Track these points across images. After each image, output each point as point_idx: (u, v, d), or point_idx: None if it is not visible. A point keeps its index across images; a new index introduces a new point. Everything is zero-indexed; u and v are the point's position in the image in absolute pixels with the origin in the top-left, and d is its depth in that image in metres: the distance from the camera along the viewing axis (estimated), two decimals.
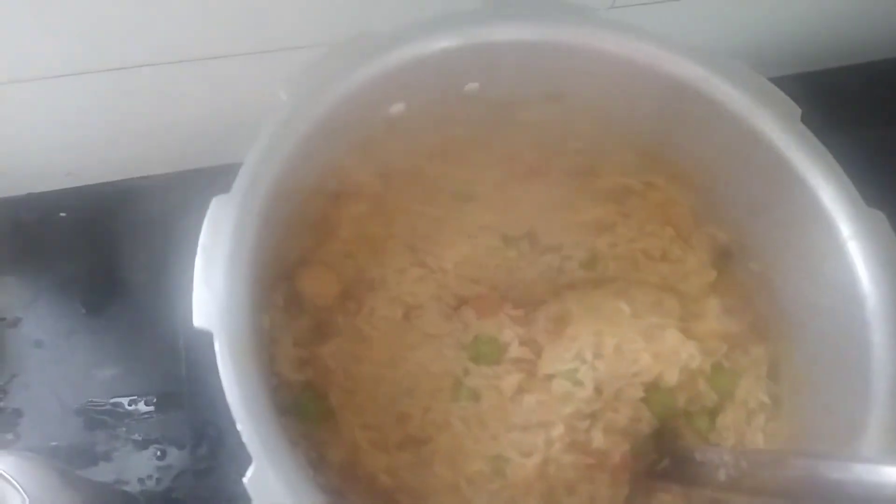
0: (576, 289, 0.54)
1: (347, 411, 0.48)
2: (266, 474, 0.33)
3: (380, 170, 0.49)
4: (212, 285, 0.36)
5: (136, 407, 0.60)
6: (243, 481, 0.33)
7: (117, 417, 0.60)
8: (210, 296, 0.36)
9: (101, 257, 0.65)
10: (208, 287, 0.36)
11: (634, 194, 0.54)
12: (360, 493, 0.46)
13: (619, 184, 0.53)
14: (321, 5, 0.53)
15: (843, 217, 0.42)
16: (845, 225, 0.42)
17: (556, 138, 0.51)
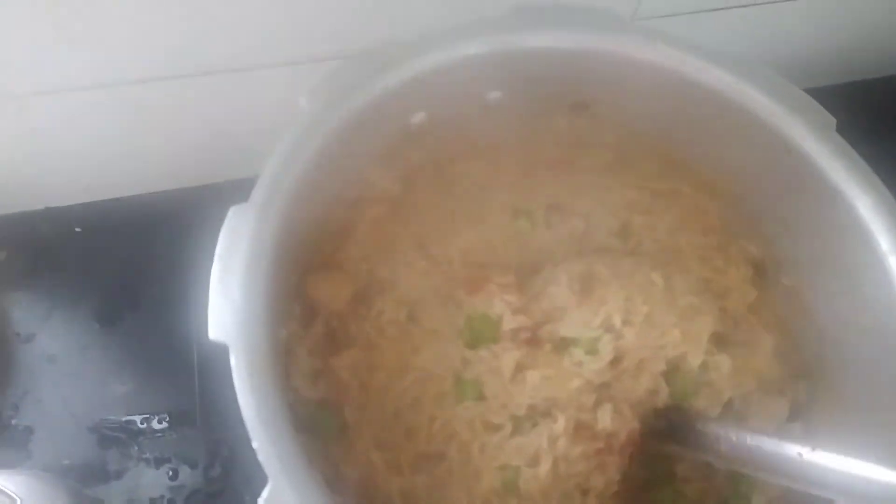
0: (604, 253, 0.52)
1: (362, 427, 0.46)
2: (283, 495, 0.32)
3: (400, 175, 0.48)
4: (228, 296, 0.35)
5: (148, 425, 0.59)
6: (259, 502, 0.32)
7: (130, 435, 0.59)
8: (226, 307, 0.35)
9: (116, 272, 0.64)
10: (225, 298, 0.35)
11: (663, 196, 0.52)
12: None
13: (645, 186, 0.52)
14: (344, 17, 0.52)
15: (882, 230, 0.41)
16: (884, 238, 0.41)
17: (582, 145, 0.49)
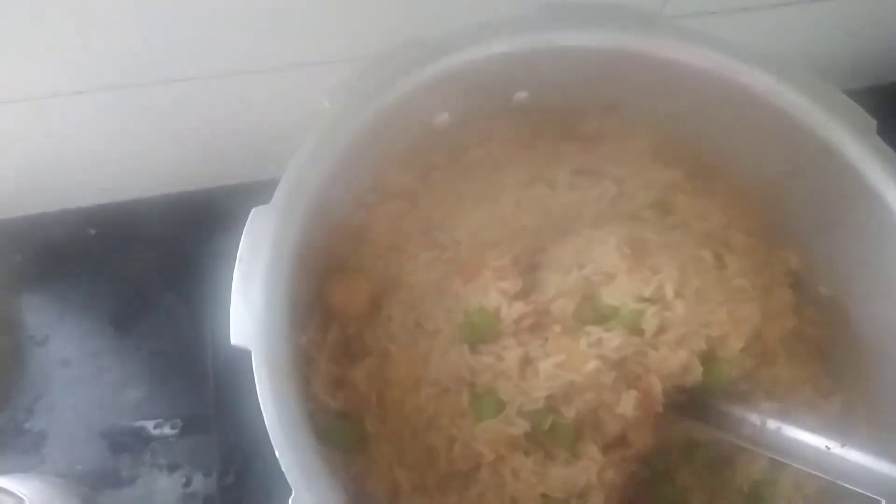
0: (642, 220, 0.49)
1: (383, 442, 0.45)
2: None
3: (421, 174, 0.47)
4: (250, 301, 0.34)
5: (161, 430, 0.58)
6: None
7: (143, 441, 0.58)
8: (248, 312, 0.34)
9: (131, 275, 0.63)
10: (246, 303, 0.34)
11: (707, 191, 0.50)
12: None
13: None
14: (367, 17, 0.51)
15: None
16: None
17: (611, 146, 0.48)
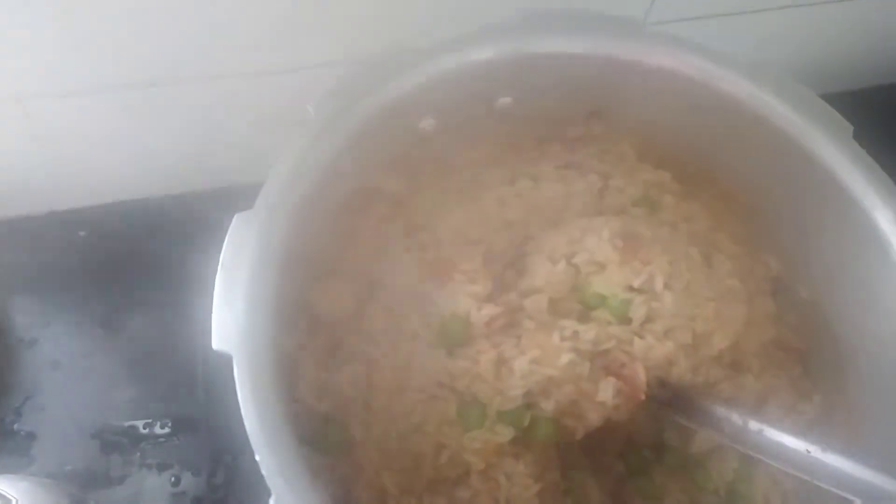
0: (631, 215, 0.50)
1: (369, 446, 0.45)
2: None
3: (405, 178, 0.47)
4: (233, 306, 0.35)
5: (151, 430, 0.59)
6: None
7: (132, 441, 0.58)
8: (231, 317, 0.34)
9: (120, 277, 0.63)
10: (229, 308, 0.35)
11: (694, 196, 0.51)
12: None
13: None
14: (353, 23, 0.52)
15: None
16: None
17: (596, 147, 0.48)
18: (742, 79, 0.42)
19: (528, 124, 0.46)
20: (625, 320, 0.45)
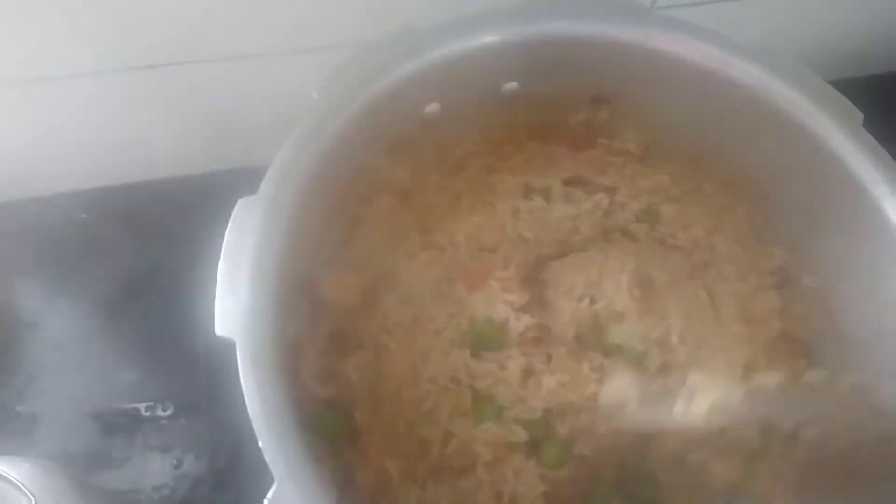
0: (632, 237, 0.51)
1: (374, 433, 0.45)
2: (288, 496, 0.31)
3: (412, 166, 0.47)
4: (236, 292, 0.34)
5: (153, 413, 0.59)
6: (264, 502, 0.31)
7: (134, 423, 0.58)
8: (233, 303, 0.34)
9: (123, 259, 0.63)
10: (232, 294, 0.34)
11: (693, 192, 0.51)
12: None
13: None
14: (358, 4, 0.51)
15: None
16: None
17: (600, 150, 0.48)
18: (751, 65, 0.42)
19: (535, 110, 0.46)
20: (641, 368, 0.46)
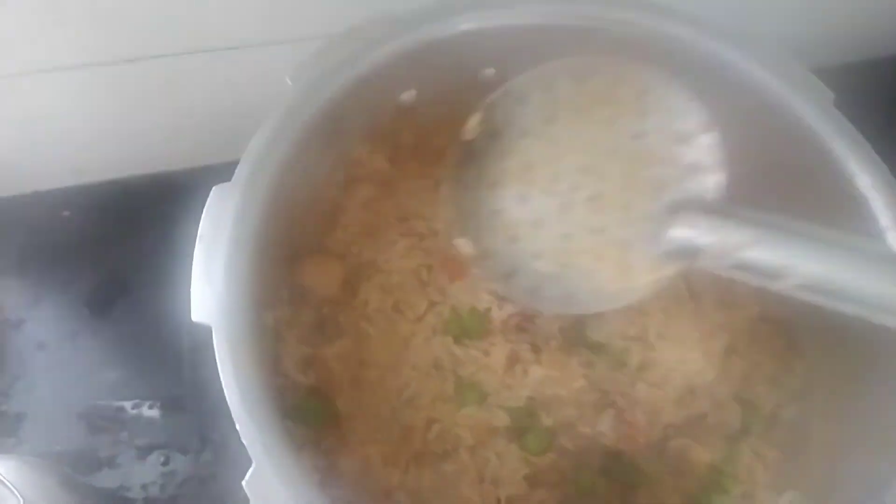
0: None
1: (355, 420, 0.45)
2: (266, 476, 0.31)
3: (389, 154, 0.47)
4: (211, 278, 0.35)
5: (139, 411, 0.59)
6: (242, 484, 0.31)
7: (121, 422, 0.58)
8: (209, 289, 0.34)
9: (106, 257, 0.63)
10: (208, 280, 0.35)
11: None
12: None
13: None
14: None
15: (881, 206, 0.40)
16: (883, 214, 0.40)
17: None
18: (725, 46, 0.42)
19: None
20: (621, 364, 0.47)
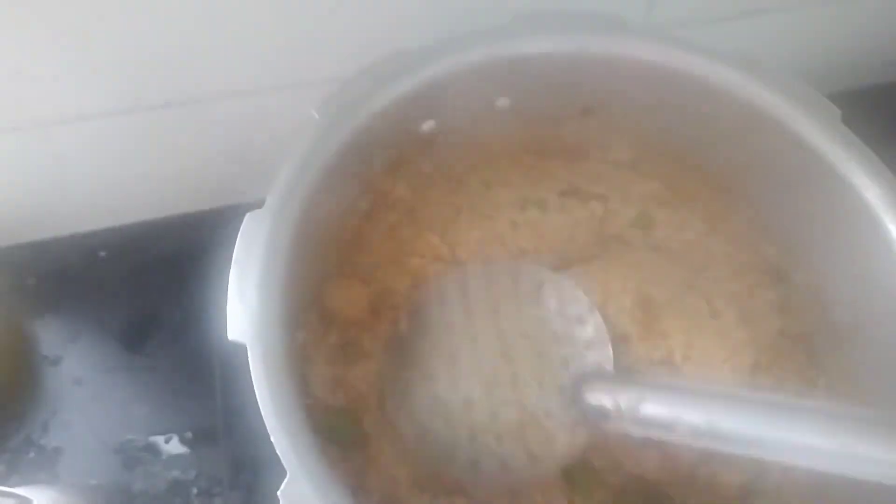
0: (628, 244, 0.52)
1: (384, 441, 0.46)
2: (301, 486, 0.32)
3: (411, 183, 0.49)
4: (245, 299, 0.36)
5: (172, 444, 0.60)
6: (277, 494, 0.32)
7: (155, 455, 0.60)
8: (244, 309, 0.36)
9: (140, 295, 0.65)
10: (242, 300, 0.36)
11: (684, 196, 0.53)
12: None
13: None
14: (353, 34, 0.54)
15: (891, 216, 0.41)
16: (893, 225, 0.41)
17: (594, 149, 0.50)
18: (731, 70, 0.43)
19: (527, 123, 0.48)
20: None
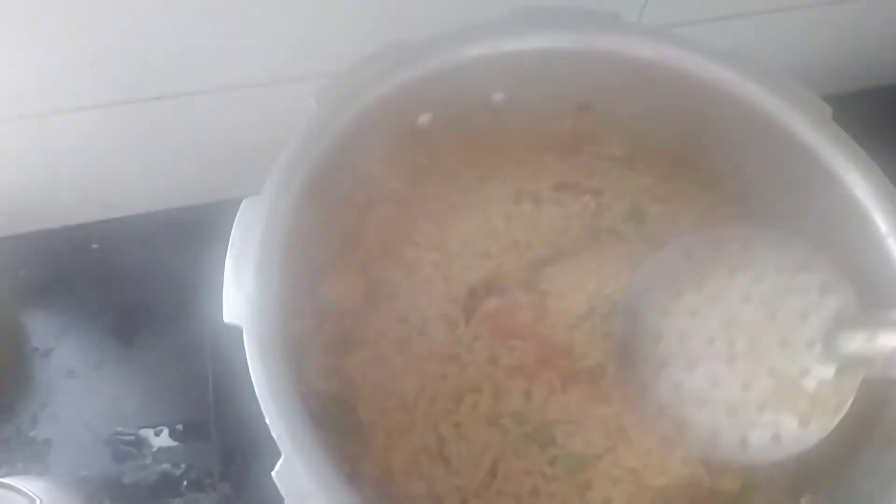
0: (620, 237, 0.52)
1: (378, 429, 0.46)
2: (295, 467, 0.32)
3: (407, 175, 0.49)
4: (241, 282, 0.36)
5: (163, 436, 0.60)
6: (271, 475, 0.32)
7: (146, 447, 0.60)
8: (240, 293, 0.36)
9: (132, 288, 0.65)
10: (238, 285, 0.36)
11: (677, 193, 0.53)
12: None
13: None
14: (351, 29, 0.54)
15: (881, 213, 0.42)
16: (883, 221, 0.42)
17: (589, 141, 0.50)
18: (723, 68, 0.44)
19: (522, 119, 0.48)
20: None
